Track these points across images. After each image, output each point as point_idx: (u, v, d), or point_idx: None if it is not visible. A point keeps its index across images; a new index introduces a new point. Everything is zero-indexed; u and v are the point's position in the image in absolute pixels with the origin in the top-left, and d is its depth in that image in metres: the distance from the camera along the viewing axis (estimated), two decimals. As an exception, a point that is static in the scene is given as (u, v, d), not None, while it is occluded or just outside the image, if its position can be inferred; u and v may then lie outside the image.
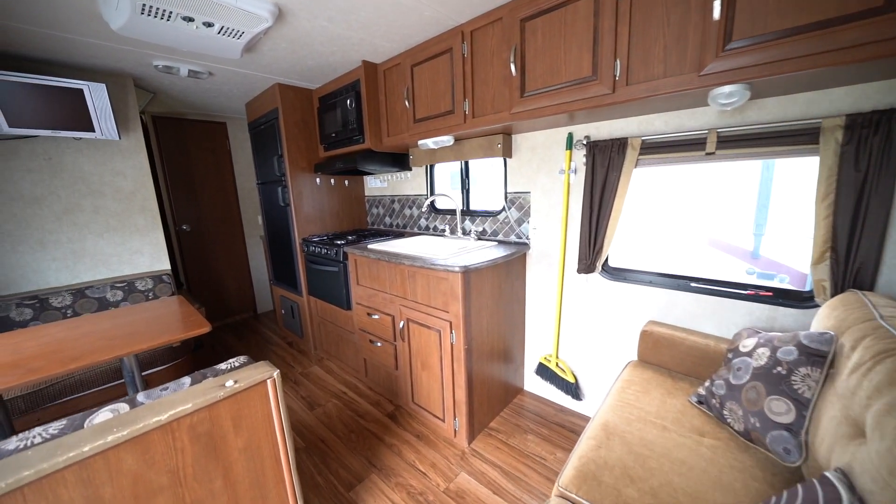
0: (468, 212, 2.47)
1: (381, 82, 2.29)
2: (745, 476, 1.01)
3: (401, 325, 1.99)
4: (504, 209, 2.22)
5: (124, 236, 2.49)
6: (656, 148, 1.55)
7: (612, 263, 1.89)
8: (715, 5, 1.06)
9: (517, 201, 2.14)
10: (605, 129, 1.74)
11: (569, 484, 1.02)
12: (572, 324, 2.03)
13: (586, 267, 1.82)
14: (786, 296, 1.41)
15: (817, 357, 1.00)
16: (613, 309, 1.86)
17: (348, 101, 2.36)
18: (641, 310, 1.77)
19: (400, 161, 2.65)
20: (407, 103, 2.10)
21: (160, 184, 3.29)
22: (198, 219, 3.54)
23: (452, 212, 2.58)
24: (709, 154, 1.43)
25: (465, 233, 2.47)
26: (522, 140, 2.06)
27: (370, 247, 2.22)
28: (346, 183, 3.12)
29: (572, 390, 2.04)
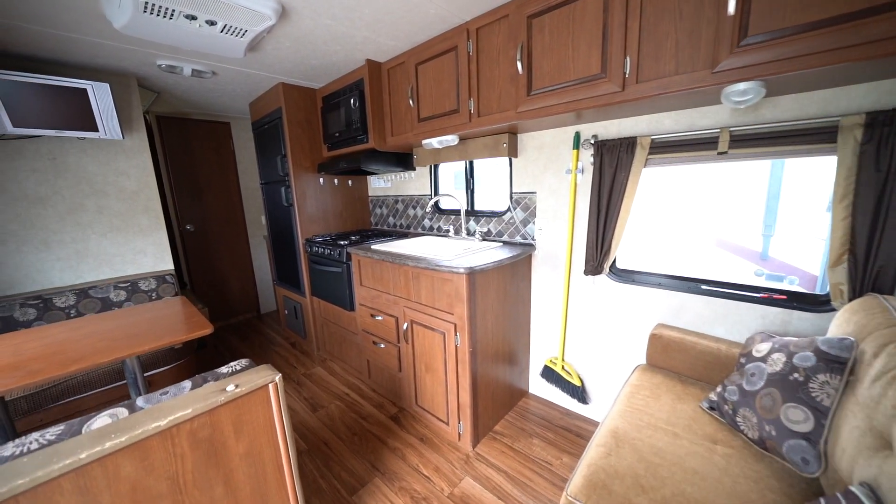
0: (473, 212, 2.45)
1: (384, 81, 2.27)
2: (760, 487, 0.97)
3: (404, 327, 1.97)
4: (509, 209, 2.19)
5: (128, 236, 2.49)
6: (666, 147, 1.52)
7: (619, 265, 1.86)
8: (730, -1, 1.03)
9: (523, 202, 2.11)
10: (613, 127, 1.70)
11: (578, 493, 0.99)
12: (579, 326, 2.00)
13: (593, 268, 1.79)
14: (800, 299, 1.37)
15: (836, 364, 0.96)
16: (621, 311, 1.83)
17: (352, 101, 2.34)
18: (650, 312, 1.73)
19: (404, 161, 2.63)
20: (411, 102, 2.08)
21: (164, 184, 3.29)
22: (202, 219, 3.54)
23: (457, 212, 2.56)
24: (721, 154, 1.39)
25: (470, 233, 2.44)
26: (528, 139, 2.03)
27: (374, 247, 2.20)
28: (350, 183, 3.10)
29: (578, 394, 2.01)
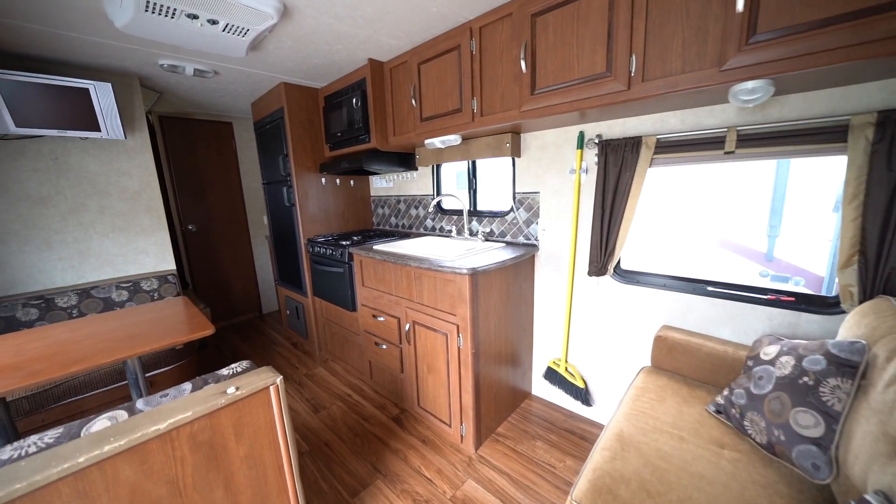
0: (475, 212, 2.43)
1: (387, 81, 2.26)
2: (769, 493, 0.96)
3: (406, 328, 1.96)
4: (512, 210, 2.18)
5: (130, 236, 2.49)
6: (672, 147, 1.50)
7: (624, 266, 1.84)
8: (739, -5, 1.01)
9: (526, 202, 2.10)
10: (617, 127, 1.68)
11: (583, 498, 0.98)
12: (582, 327, 1.98)
13: (597, 269, 1.77)
14: (809, 301, 1.35)
15: (848, 367, 0.94)
16: (625, 313, 1.81)
17: (354, 100, 2.33)
18: (655, 314, 1.71)
19: (406, 161, 2.62)
20: (413, 102, 2.06)
21: (166, 184, 3.29)
22: (204, 219, 3.54)
23: (459, 212, 2.54)
24: (728, 153, 1.37)
25: (473, 234, 2.43)
26: (532, 139, 2.01)
27: (376, 248, 2.18)
28: (352, 183, 3.09)
29: (582, 396, 1.99)
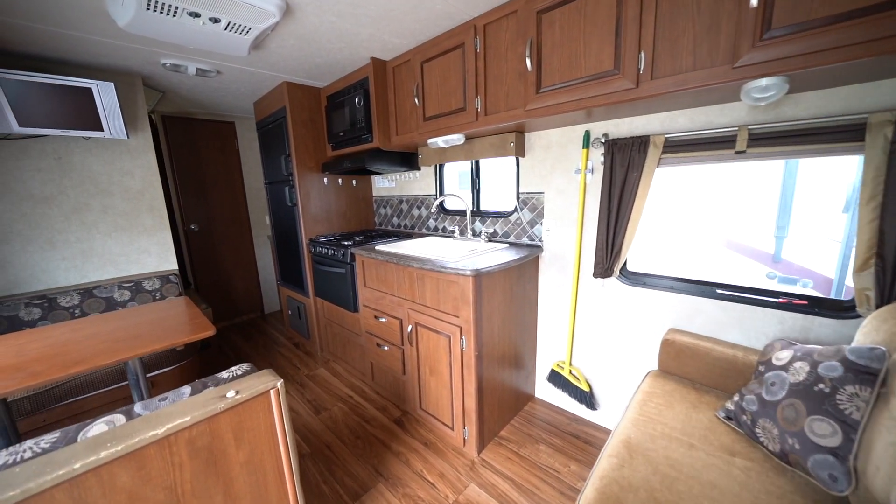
0: (478, 213, 2.41)
1: (390, 80, 2.24)
2: (784, 503, 0.92)
3: (409, 329, 1.94)
4: (516, 210, 2.15)
5: (132, 236, 2.48)
6: (681, 146, 1.46)
7: (630, 267, 1.80)
8: (753, -10, 0.98)
9: (530, 202, 2.07)
10: (624, 126, 1.65)
11: (590, 507, 0.95)
12: (587, 330, 1.95)
13: (603, 271, 1.74)
14: (822, 305, 1.32)
15: (866, 375, 0.91)
16: (631, 315, 1.78)
17: (356, 100, 2.31)
18: (662, 317, 1.68)
19: (409, 160, 2.60)
20: (416, 101, 2.04)
21: (169, 183, 3.29)
22: (206, 218, 3.53)
23: (462, 212, 2.52)
24: (739, 153, 1.34)
25: (476, 234, 2.40)
26: (536, 138, 1.98)
27: (378, 248, 2.16)
28: (354, 183, 3.08)
29: (586, 399, 1.96)
